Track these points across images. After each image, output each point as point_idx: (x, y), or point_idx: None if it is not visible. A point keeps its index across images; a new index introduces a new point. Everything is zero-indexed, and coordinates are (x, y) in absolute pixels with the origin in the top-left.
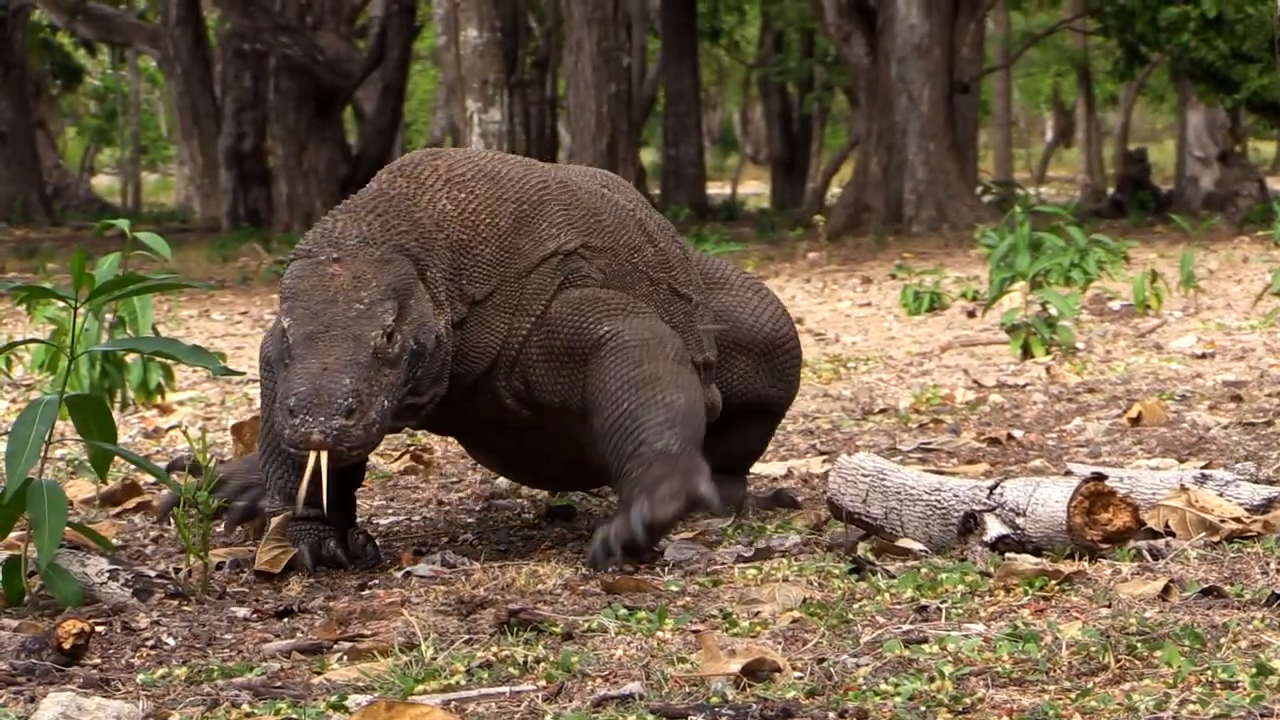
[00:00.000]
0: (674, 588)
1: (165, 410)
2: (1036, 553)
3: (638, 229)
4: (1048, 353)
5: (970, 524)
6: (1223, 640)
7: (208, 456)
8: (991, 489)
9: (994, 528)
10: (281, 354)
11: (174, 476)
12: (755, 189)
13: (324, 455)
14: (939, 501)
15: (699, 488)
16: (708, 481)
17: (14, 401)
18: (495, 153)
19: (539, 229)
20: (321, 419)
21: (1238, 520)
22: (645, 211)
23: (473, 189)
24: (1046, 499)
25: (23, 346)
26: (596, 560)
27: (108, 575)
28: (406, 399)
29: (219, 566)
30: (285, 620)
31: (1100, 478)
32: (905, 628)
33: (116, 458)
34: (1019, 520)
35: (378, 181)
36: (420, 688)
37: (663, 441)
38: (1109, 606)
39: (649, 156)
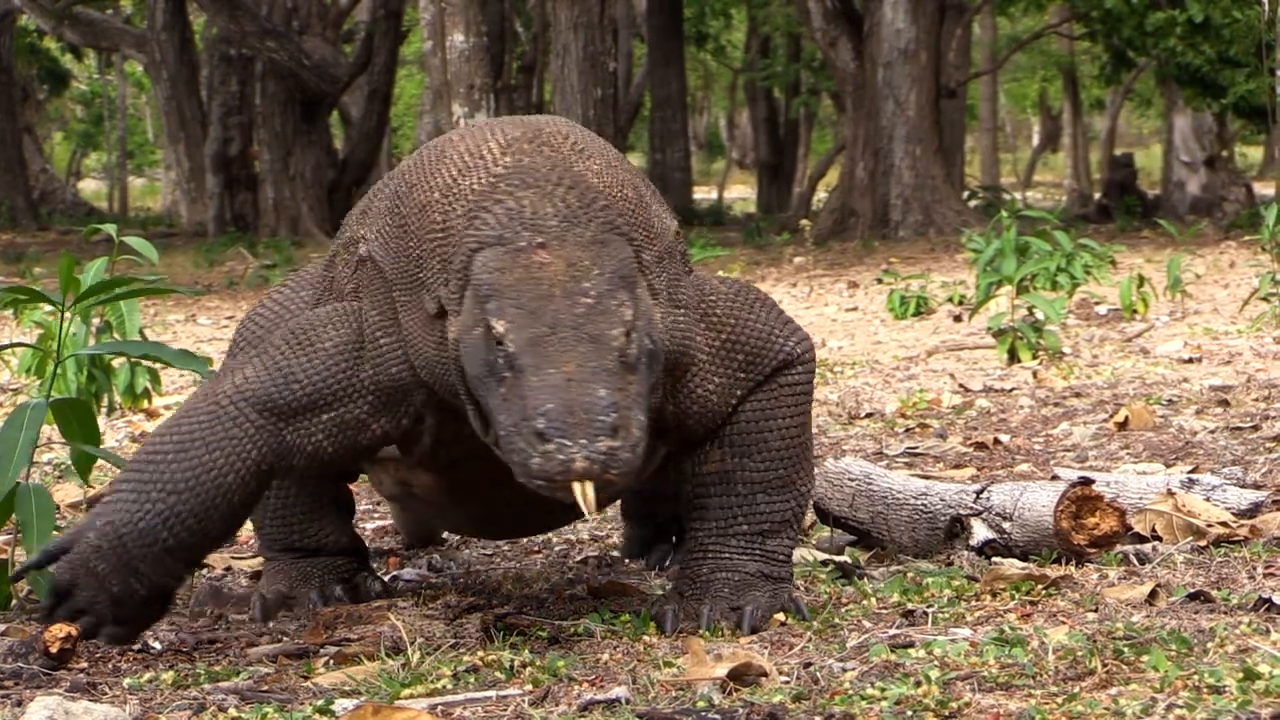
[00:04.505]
0: (659, 592)
1: (151, 414)
2: (1023, 557)
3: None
4: (1034, 357)
5: (956, 528)
6: (1209, 645)
7: None
8: (978, 493)
9: (980, 532)
10: (492, 366)
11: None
12: (742, 194)
13: (589, 487)
14: (925, 506)
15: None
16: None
17: (0, 405)
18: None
19: (656, 203)
20: (584, 441)
21: (1224, 525)
22: None
23: (601, 158)
24: (1033, 504)
25: (10, 350)
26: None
27: None
28: None
29: (201, 567)
30: (272, 624)
31: (1087, 482)
32: (891, 632)
33: (99, 461)
34: (1005, 525)
35: (511, 154)
36: (407, 692)
37: (779, 544)
38: (1095, 611)
39: (635, 161)
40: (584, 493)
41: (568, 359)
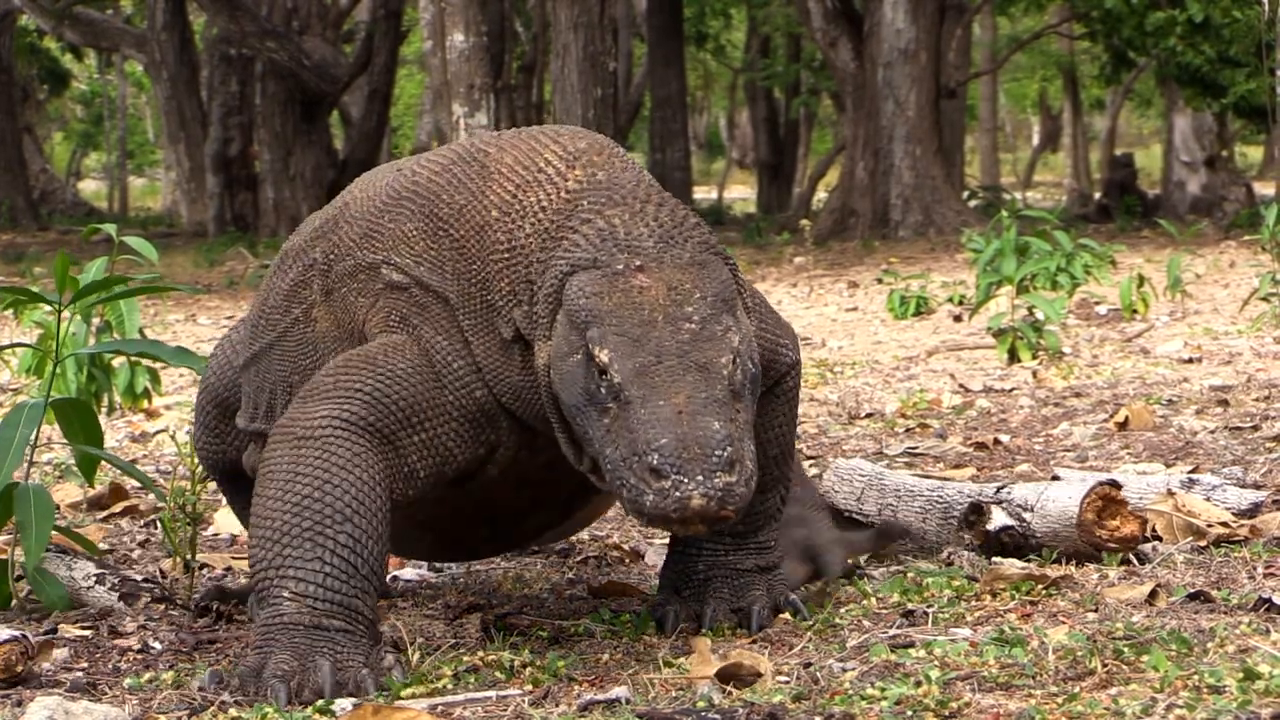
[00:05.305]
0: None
1: (151, 414)
2: (1038, 549)
3: None
4: (1034, 357)
5: (973, 516)
6: (1209, 645)
7: (194, 461)
8: (999, 488)
9: (999, 518)
10: (594, 395)
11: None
12: (742, 194)
13: (701, 525)
14: (941, 496)
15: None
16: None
17: (0, 405)
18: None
19: None
20: (700, 478)
21: (1224, 525)
22: None
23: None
24: (1058, 496)
25: (10, 350)
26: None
27: (94, 579)
28: None
29: (202, 568)
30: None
31: (1117, 485)
32: (891, 632)
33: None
34: (1026, 515)
35: (581, 167)
36: (407, 692)
37: (768, 534)
38: (1095, 611)
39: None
40: (696, 531)
41: (677, 390)
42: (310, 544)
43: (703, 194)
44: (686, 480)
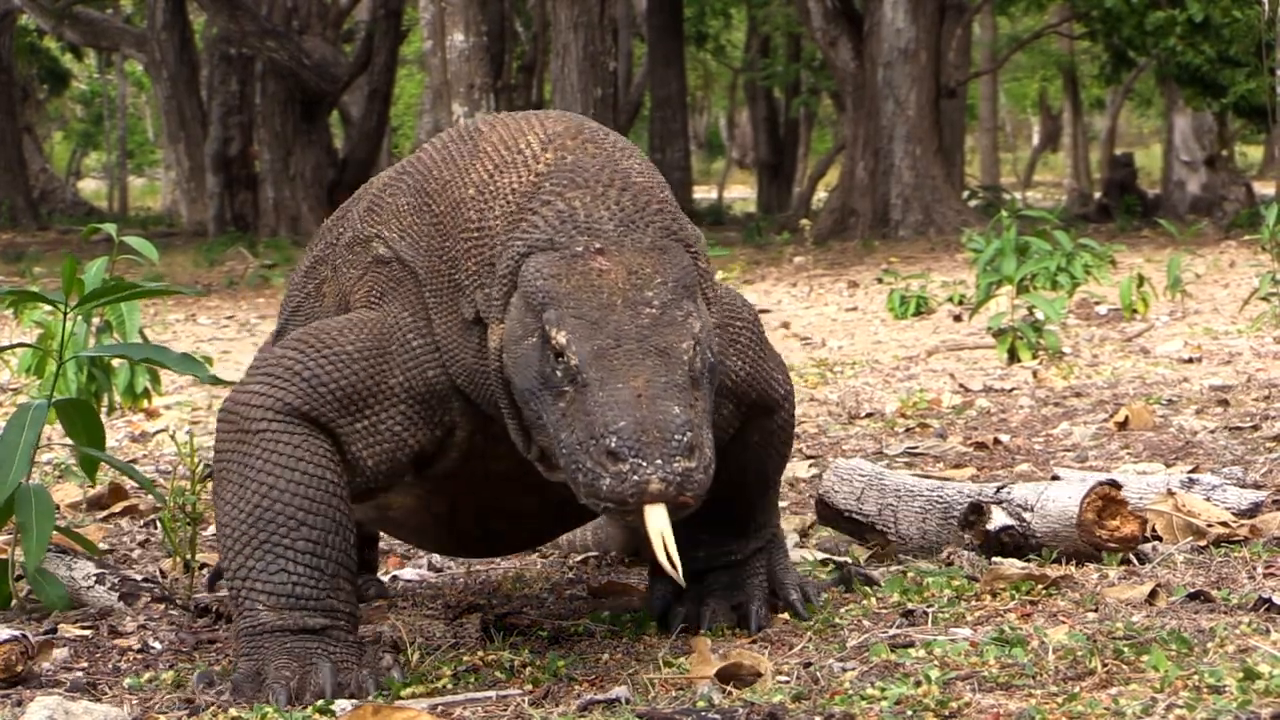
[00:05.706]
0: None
1: (151, 414)
2: (1038, 549)
3: None
4: (1034, 357)
5: (973, 516)
6: (1209, 645)
7: (195, 461)
8: (999, 488)
9: (999, 518)
10: (548, 379)
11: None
12: (742, 193)
13: (660, 510)
14: (941, 496)
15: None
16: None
17: (0, 405)
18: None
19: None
20: (659, 462)
21: (1224, 524)
22: None
23: (639, 157)
24: (1057, 496)
25: (10, 350)
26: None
27: (94, 579)
28: None
29: (202, 567)
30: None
31: (1116, 485)
32: (891, 632)
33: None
34: (1026, 515)
35: (553, 150)
36: (407, 692)
37: (766, 518)
38: (1095, 611)
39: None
40: (654, 515)
41: (636, 373)
42: (271, 555)
43: (703, 194)
44: (645, 464)
